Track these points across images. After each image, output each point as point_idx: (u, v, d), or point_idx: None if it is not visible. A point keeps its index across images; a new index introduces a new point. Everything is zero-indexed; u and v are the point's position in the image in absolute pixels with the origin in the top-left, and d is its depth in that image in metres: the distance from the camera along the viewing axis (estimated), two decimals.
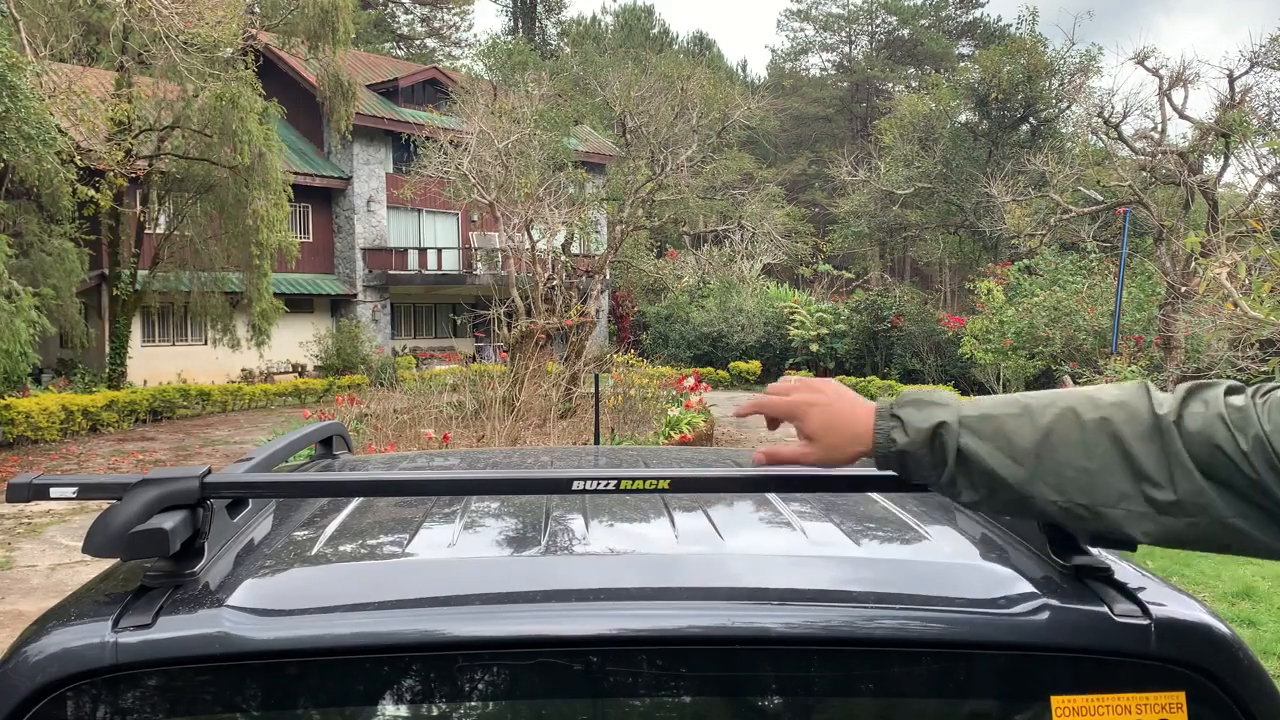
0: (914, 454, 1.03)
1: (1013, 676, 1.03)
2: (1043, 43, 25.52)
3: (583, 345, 13.79)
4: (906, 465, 1.05)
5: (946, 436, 1.02)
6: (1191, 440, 0.94)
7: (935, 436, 1.02)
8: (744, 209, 28.47)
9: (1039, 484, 0.99)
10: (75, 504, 8.03)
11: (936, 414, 1.03)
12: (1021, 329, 15.39)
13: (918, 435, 1.03)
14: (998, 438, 1.00)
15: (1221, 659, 1.02)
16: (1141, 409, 0.97)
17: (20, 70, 11.34)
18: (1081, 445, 0.98)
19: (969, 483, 1.02)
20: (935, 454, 1.02)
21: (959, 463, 1.01)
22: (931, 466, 1.03)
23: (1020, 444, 0.99)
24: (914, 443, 1.03)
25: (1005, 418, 1.01)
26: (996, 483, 1.00)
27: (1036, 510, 1.01)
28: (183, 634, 0.98)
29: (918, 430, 1.03)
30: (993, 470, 1.00)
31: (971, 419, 1.02)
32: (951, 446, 1.01)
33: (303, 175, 24.28)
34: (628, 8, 51.97)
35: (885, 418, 1.06)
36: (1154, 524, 0.96)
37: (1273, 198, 16.46)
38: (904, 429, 1.04)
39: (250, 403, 19.60)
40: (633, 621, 1.02)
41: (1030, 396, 1.04)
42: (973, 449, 1.01)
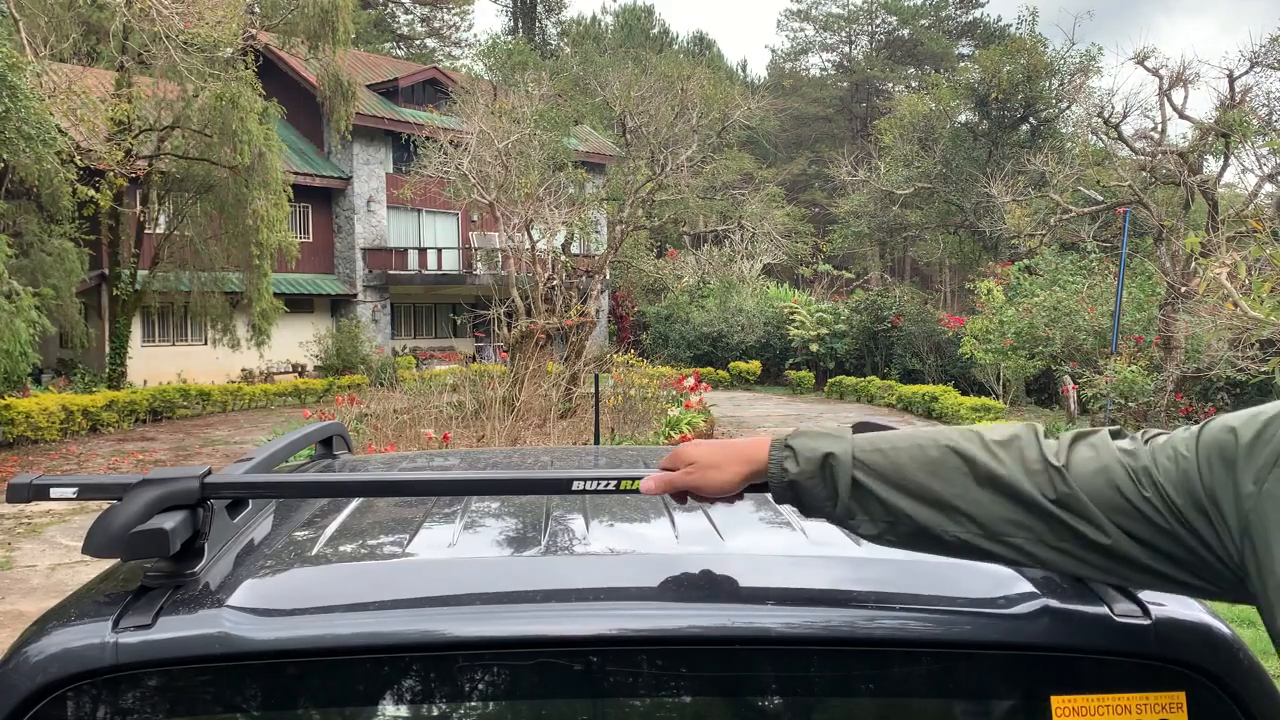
0: (805, 484, 1.04)
1: (1013, 676, 1.03)
2: (1043, 43, 25.52)
3: (583, 345, 13.79)
4: (800, 496, 1.06)
5: (837, 467, 1.03)
6: (1085, 483, 0.96)
7: (825, 466, 1.04)
8: (744, 209, 28.47)
9: (935, 516, 1.00)
10: (75, 504, 8.02)
11: (827, 445, 1.05)
12: (1021, 329, 15.38)
13: (808, 464, 1.04)
14: (890, 469, 1.02)
15: (1221, 659, 1.02)
16: (1031, 455, 1.00)
17: (20, 70, 11.34)
18: (968, 483, 1.00)
19: (867, 515, 1.03)
20: (827, 484, 1.04)
21: (854, 494, 1.03)
22: (825, 497, 1.04)
23: (913, 476, 1.01)
24: (804, 472, 1.04)
25: (899, 451, 1.03)
26: (894, 514, 1.02)
27: (937, 541, 1.02)
28: (183, 634, 0.98)
29: (808, 460, 1.04)
30: (886, 501, 1.01)
31: (865, 452, 1.04)
32: (844, 477, 1.03)
33: (303, 175, 24.28)
34: (628, 8, 51.98)
35: (779, 448, 1.07)
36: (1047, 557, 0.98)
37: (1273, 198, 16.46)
38: (795, 458, 1.05)
39: (250, 403, 19.60)
40: (633, 621, 1.02)
41: (924, 432, 1.06)
42: (865, 481, 1.02)
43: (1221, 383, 11.67)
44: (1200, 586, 0.95)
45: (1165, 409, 11.94)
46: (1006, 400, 17.58)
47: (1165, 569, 0.95)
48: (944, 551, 1.03)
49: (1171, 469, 0.94)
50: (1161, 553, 0.94)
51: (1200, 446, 0.94)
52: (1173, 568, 0.95)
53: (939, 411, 16.87)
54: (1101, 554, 0.96)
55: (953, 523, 1.00)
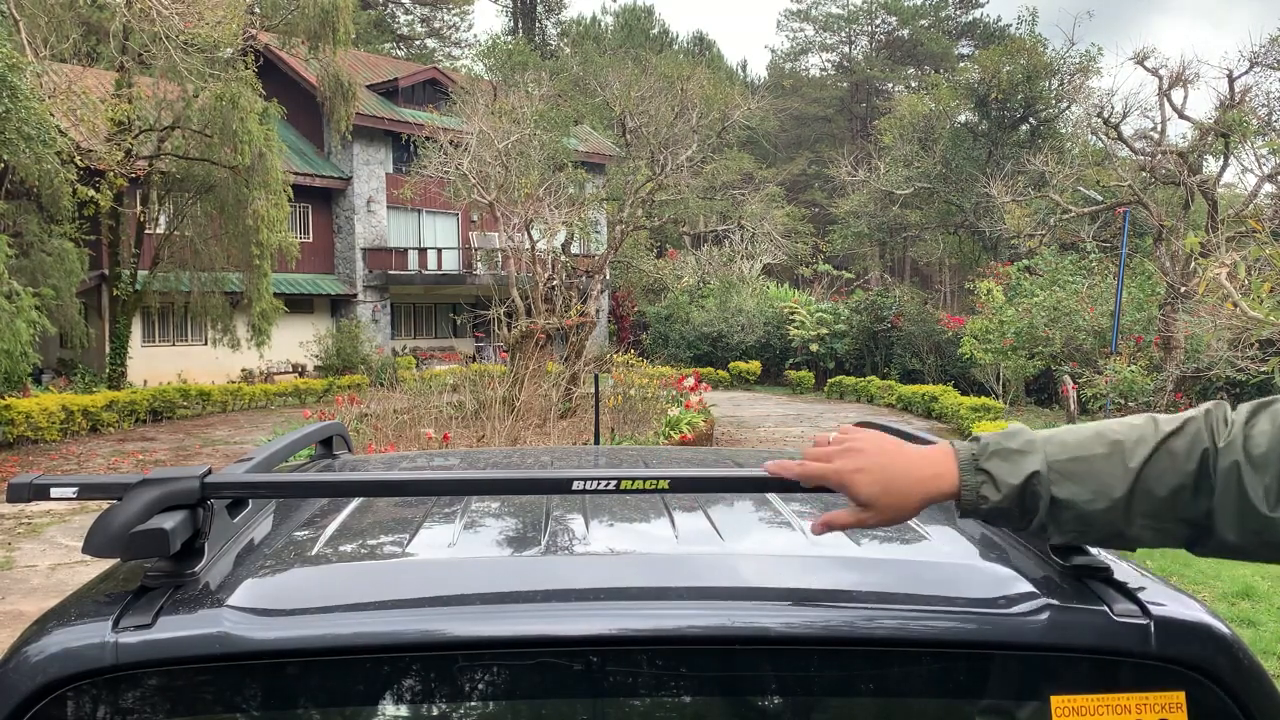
0: (1004, 509, 1.00)
1: (1013, 676, 1.03)
2: (1042, 43, 25.53)
3: (583, 345, 13.79)
4: (995, 519, 1.02)
5: (1039, 487, 0.98)
6: (1258, 462, 0.94)
7: (1027, 489, 0.99)
8: (744, 209, 28.46)
9: (1134, 516, 0.99)
10: (75, 504, 8.01)
11: (1026, 464, 0.99)
12: (1021, 329, 15.39)
13: (1010, 490, 0.99)
14: (1089, 481, 0.98)
15: (1221, 659, 1.02)
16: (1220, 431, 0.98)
17: (20, 70, 11.34)
18: (1174, 473, 0.98)
19: (1058, 527, 1.00)
20: (1028, 505, 0.99)
21: (1051, 510, 0.99)
22: (1020, 515, 1.00)
23: (1114, 487, 0.98)
24: (1006, 498, 0.99)
25: (1096, 459, 0.99)
26: (1091, 524, 0.99)
27: (1130, 539, 1.00)
28: (183, 634, 0.98)
29: (1009, 485, 0.99)
30: (1086, 514, 0.98)
31: (1061, 464, 0.99)
32: (1044, 496, 0.98)
33: (303, 175, 24.28)
34: (628, 8, 51.98)
35: (971, 472, 1.01)
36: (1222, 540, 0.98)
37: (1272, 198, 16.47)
38: (994, 484, 1.00)
39: (250, 403, 19.60)
40: (633, 621, 1.02)
41: (1114, 432, 1.02)
42: (1066, 497, 0.98)
43: (1221, 383, 11.68)
44: None
45: (1165, 409, 11.93)
46: (1006, 400, 17.58)
47: None
48: (1131, 546, 1.02)
49: None
50: None
51: None
52: None
53: (939, 411, 16.87)
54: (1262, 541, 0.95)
55: (1151, 519, 0.98)
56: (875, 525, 1.04)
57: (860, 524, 1.03)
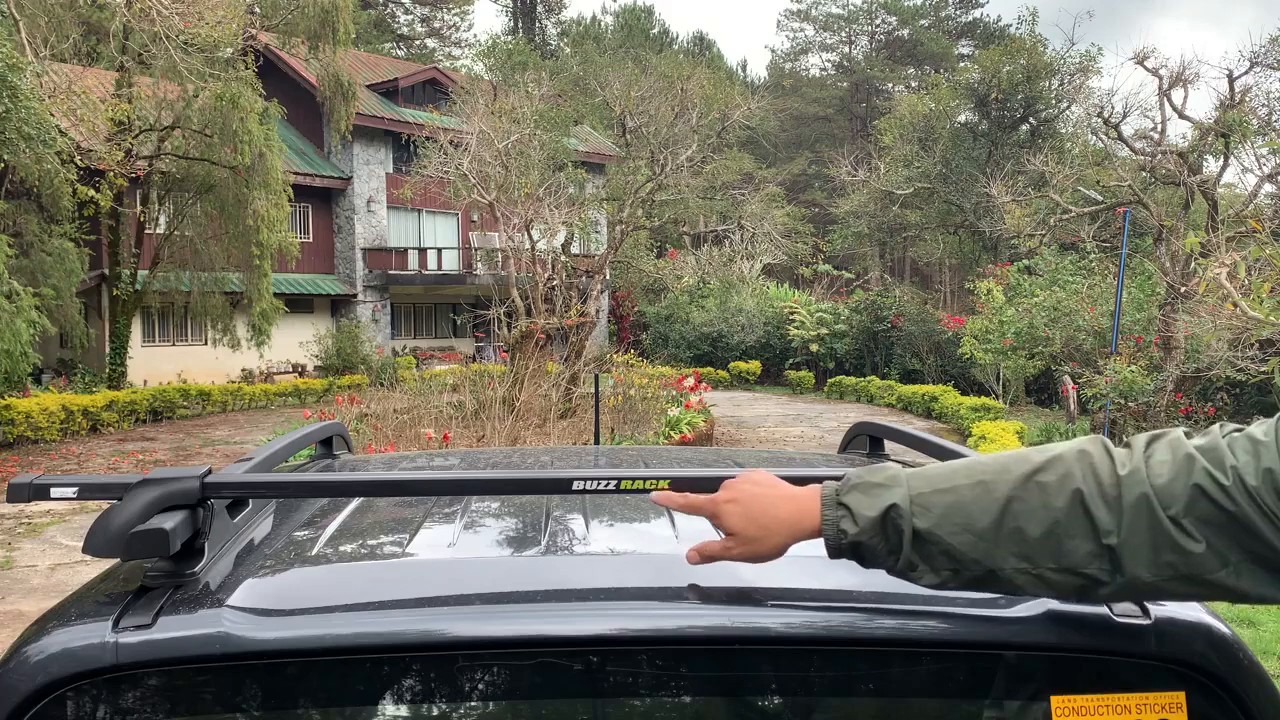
0: (865, 544, 0.98)
1: (1013, 676, 1.03)
2: (1042, 43, 25.51)
3: (583, 345, 13.80)
4: (860, 554, 0.99)
5: (900, 520, 0.96)
6: (1164, 493, 0.91)
7: (887, 520, 0.97)
8: (744, 209, 28.47)
9: (1004, 555, 0.94)
10: (75, 504, 8.03)
11: (886, 496, 0.97)
12: (1021, 329, 15.39)
13: (868, 523, 0.97)
14: (955, 513, 0.95)
15: (1221, 659, 1.02)
16: (1103, 468, 0.94)
17: (20, 70, 11.34)
18: (1043, 511, 0.94)
19: (929, 565, 0.96)
20: (890, 539, 0.97)
21: (916, 545, 0.96)
22: (887, 553, 0.97)
23: (980, 518, 0.95)
24: (864, 531, 0.97)
25: (960, 490, 0.96)
26: (959, 561, 0.95)
27: (1005, 581, 0.96)
28: (183, 634, 0.98)
29: (867, 518, 0.97)
30: (953, 548, 0.95)
31: (924, 496, 0.97)
32: (906, 529, 0.96)
33: (303, 175, 24.29)
34: (628, 8, 51.98)
35: (831, 506, 1.00)
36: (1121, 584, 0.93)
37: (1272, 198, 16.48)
38: (853, 518, 0.98)
39: (250, 403, 19.60)
40: (633, 621, 1.02)
41: (982, 464, 0.99)
42: (929, 530, 0.95)
43: (1221, 383, 11.69)
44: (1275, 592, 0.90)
45: (1165, 409, 11.94)
46: (1006, 400, 17.58)
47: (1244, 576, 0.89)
48: (1011, 591, 0.97)
49: (1251, 460, 0.89)
50: (1245, 553, 0.89)
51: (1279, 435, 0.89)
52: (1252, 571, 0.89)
53: (939, 411, 16.87)
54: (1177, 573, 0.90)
55: (1024, 561, 0.94)
56: (741, 558, 1.04)
57: (726, 554, 1.04)
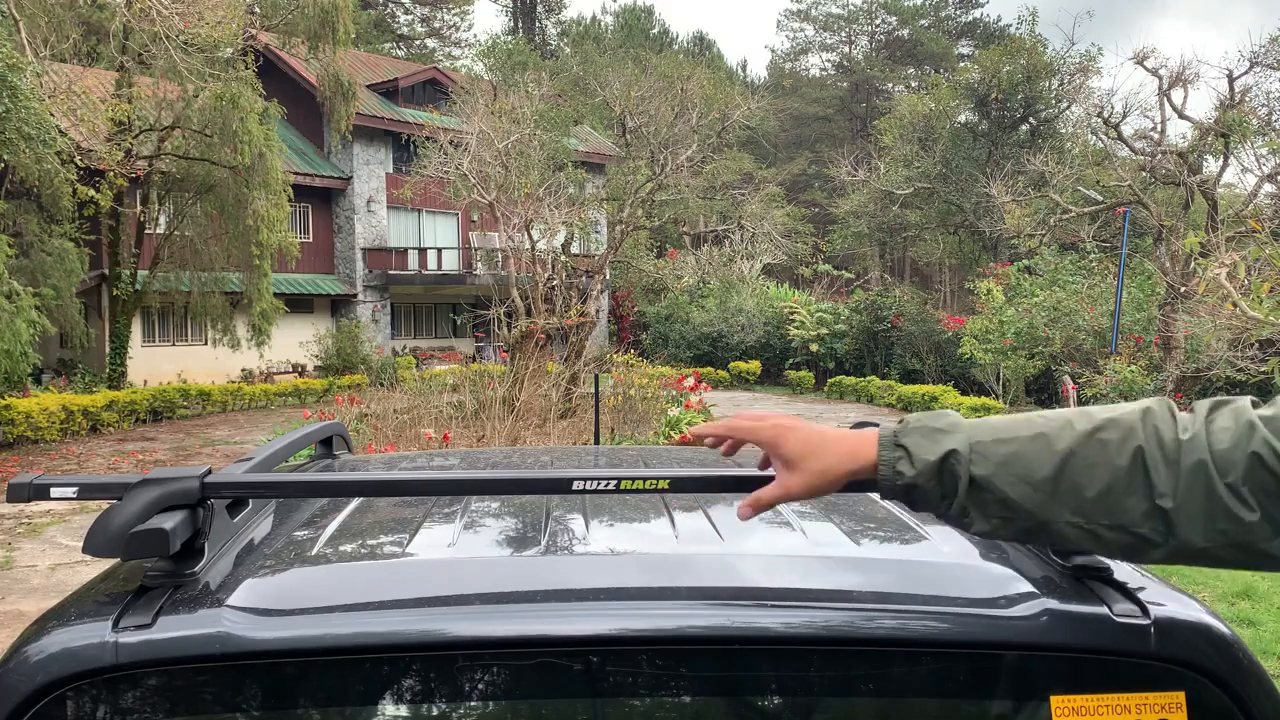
0: (920, 487, 0.97)
1: (1013, 676, 1.03)
2: (1042, 43, 25.51)
3: (583, 345, 13.80)
4: (913, 497, 0.99)
5: (957, 466, 0.96)
6: (1222, 459, 0.90)
7: (944, 466, 0.96)
8: (744, 209, 28.45)
9: (1059, 508, 0.94)
10: (75, 504, 8.03)
11: (945, 442, 0.96)
12: (1021, 329, 15.39)
13: (925, 466, 0.97)
14: (1013, 463, 0.95)
15: (1221, 659, 1.02)
16: (1166, 429, 0.93)
17: (20, 70, 11.34)
18: (1103, 467, 0.93)
19: (982, 512, 0.96)
20: (945, 484, 0.97)
21: (971, 492, 0.96)
22: (940, 497, 0.97)
23: (1038, 469, 0.94)
24: (922, 474, 0.97)
25: (1020, 441, 0.96)
26: (1013, 510, 0.95)
27: (1055, 534, 0.95)
28: (183, 634, 0.98)
29: (925, 461, 0.97)
30: (1008, 498, 0.94)
31: (984, 445, 0.96)
32: (963, 475, 0.95)
33: (303, 175, 24.29)
34: (628, 8, 51.98)
35: (889, 447, 0.99)
36: (1173, 546, 0.92)
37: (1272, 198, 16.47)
38: (910, 460, 0.98)
39: (250, 403, 19.60)
40: (633, 621, 1.02)
41: (1044, 418, 0.99)
42: (986, 477, 0.95)
43: (1221, 383, 11.67)
44: None
45: None
46: (1006, 400, 17.58)
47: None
48: (1060, 544, 0.97)
49: None
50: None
51: None
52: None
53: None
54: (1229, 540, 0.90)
55: (1078, 516, 0.93)
56: (798, 494, 1.02)
57: (784, 493, 1.02)
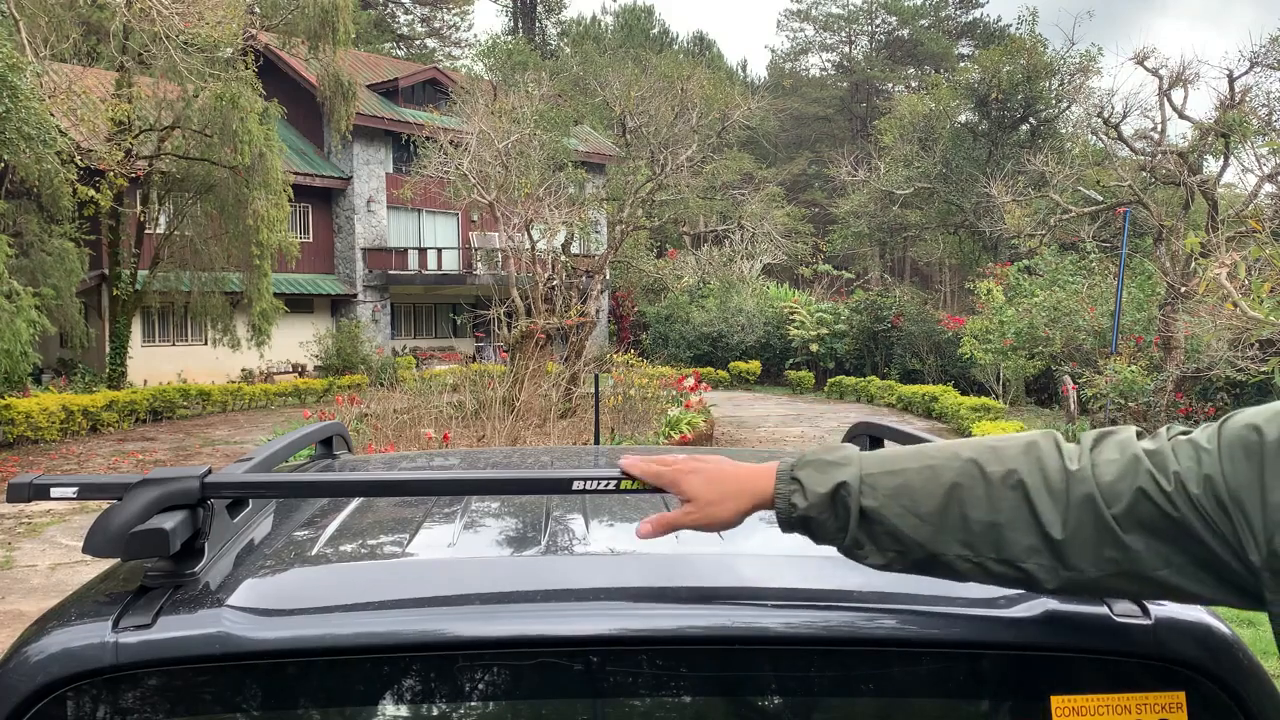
0: (815, 519, 1.00)
1: (1013, 676, 1.03)
2: (1042, 43, 25.50)
3: (583, 345, 13.80)
4: (811, 529, 1.01)
5: (848, 498, 0.98)
6: (1109, 491, 0.92)
7: (835, 498, 0.99)
8: (744, 209, 28.45)
9: (948, 541, 0.96)
10: (75, 504, 8.03)
11: (837, 474, 0.99)
12: (1021, 329, 15.39)
13: (817, 499, 0.99)
14: (902, 495, 0.97)
15: (1221, 659, 1.02)
16: (1051, 462, 0.95)
17: (20, 70, 11.34)
18: (987, 500, 0.95)
19: (875, 545, 0.98)
20: (838, 516, 0.99)
21: (862, 524, 0.98)
22: (836, 530, 1.00)
23: (925, 502, 0.97)
24: (814, 506, 0.99)
25: (909, 473, 0.98)
26: (903, 543, 0.97)
27: (947, 567, 0.98)
28: (183, 634, 0.98)
29: (816, 494, 0.99)
30: (898, 530, 0.97)
31: (874, 477, 0.99)
32: (854, 507, 0.98)
33: (303, 175, 24.28)
34: (628, 8, 51.98)
35: (785, 480, 1.02)
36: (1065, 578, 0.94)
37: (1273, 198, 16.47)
38: (803, 492, 1.00)
39: (250, 403, 19.60)
40: (633, 621, 1.02)
41: (934, 449, 1.02)
42: (876, 509, 0.97)
43: (1221, 383, 11.67)
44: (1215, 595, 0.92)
45: (1165, 409, 11.93)
46: (1006, 400, 17.58)
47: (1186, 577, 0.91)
48: (954, 577, 0.99)
49: (1194, 467, 0.90)
50: (1186, 555, 0.90)
51: (1223, 442, 0.90)
52: (1194, 573, 0.91)
53: (939, 411, 16.86)
54: (1120, 569, 0.92)
55: (966, 549, 0.96)
56: (698, 524, 1.04)
57: (684, 520, 1.05)
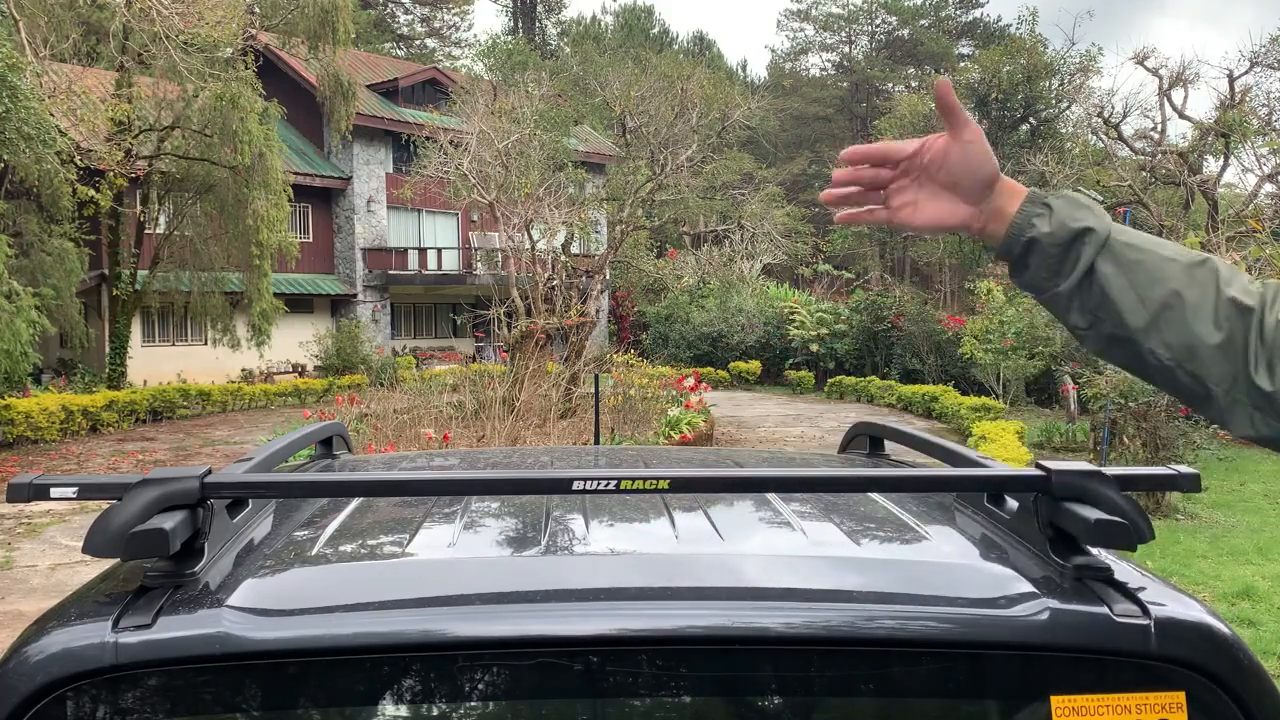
0: (1044, 249, 0.94)
1: (1013, 676, 1.03)
2: (1042, 43, 25.50)
3: (583, 345, 13.80)
4: (1029, 259, 0.96)
5: (1085, 246, 0.93)
6: None
7: (1076, 240, 0.94)
8: (744, 209, 28.46)
9: (1154, 334, 0.92)
10: (75, 504, 8.01)
11: (1088, 219, 0.94)
12: (1021, 329, 15.40)
13: (1060, 230, 0.94)
14: (1136, 272, 0.92)
15: (1221, 659, 1.02)
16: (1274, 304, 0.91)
17: (20, 70, 11.34)
18: (1213, 315, 0.91)
19: (1083, 304, 0.94)
20: (1068, 260, 0.94)
21: (1085, 279, 0.93)
22: (1053, 272, 0.95)
23: (1154, 290, 0.92)
24: (1053, 235, 0.94)
25: (1152, 256, 0.93)
26: (1112, 316, 0.93)
27: (1138, 358, 0.94)
28: (183, 634, 0.98)
29: (1062, 226, 0.94)
30: (1116, 302, 0.92)
31: (1119, 243, 0.93)
32: (1086, 259, 0.93)
33: (303, 175, 24.29)
34: (628, 8, 52.00)
35: (1036, 201, 0.96)
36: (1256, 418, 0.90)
37: (1273, 198, 16.47)
38: (1049, 218, 0.95)
39: (250, 403, 19.60)
40: (633, 621, 1.01)
41: (1179, 250, 0.96)
42: (1106, 274, 0.93)
43: None
44: None
45: (1165, 409, 11.93)
46: (1006, 400, 17.58)
47: None
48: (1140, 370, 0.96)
49: None
50: None
51: None
52: None
53: (939, 411, 16.86)
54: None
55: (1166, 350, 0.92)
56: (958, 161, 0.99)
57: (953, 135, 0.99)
